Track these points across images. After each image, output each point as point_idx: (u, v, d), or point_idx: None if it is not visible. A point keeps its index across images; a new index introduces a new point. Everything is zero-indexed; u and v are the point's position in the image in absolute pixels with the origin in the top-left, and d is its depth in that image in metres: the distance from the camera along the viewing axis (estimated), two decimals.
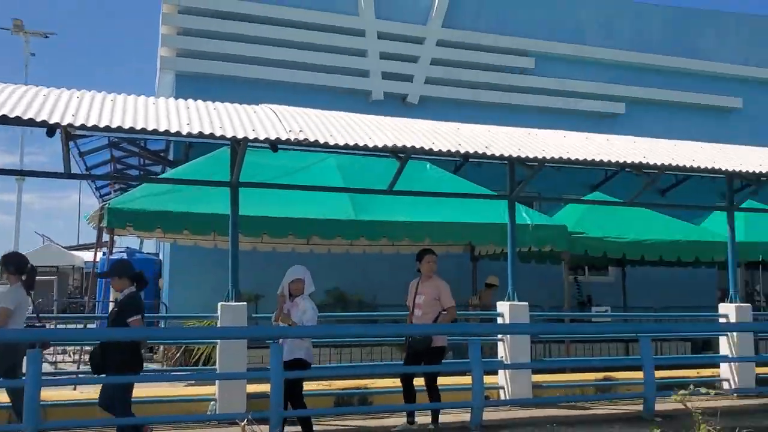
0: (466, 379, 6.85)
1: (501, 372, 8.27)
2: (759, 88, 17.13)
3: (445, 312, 6.94)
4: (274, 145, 6.63)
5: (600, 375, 8.95)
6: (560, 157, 7.49)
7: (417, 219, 9.86)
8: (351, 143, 6.60)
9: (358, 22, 14.90)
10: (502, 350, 8.32)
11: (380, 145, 6.74)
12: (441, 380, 7.72)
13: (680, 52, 16.63)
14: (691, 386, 5.80)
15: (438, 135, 7.50)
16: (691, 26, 17.03)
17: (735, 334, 8.98)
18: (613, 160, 7.61)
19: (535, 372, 8.68)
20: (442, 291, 7.00)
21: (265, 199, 9.05)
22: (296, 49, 14.44)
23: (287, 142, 6.47)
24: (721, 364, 9.25)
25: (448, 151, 7.09)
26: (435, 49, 15.21)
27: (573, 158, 7.56)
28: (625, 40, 16.39)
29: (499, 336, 8.41)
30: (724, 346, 9.19)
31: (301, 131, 6.56)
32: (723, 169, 8.02)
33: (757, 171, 8.32)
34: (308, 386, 8.20)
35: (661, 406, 7.21)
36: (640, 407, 7.32)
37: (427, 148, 6.98)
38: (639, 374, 7.49)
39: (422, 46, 15.16)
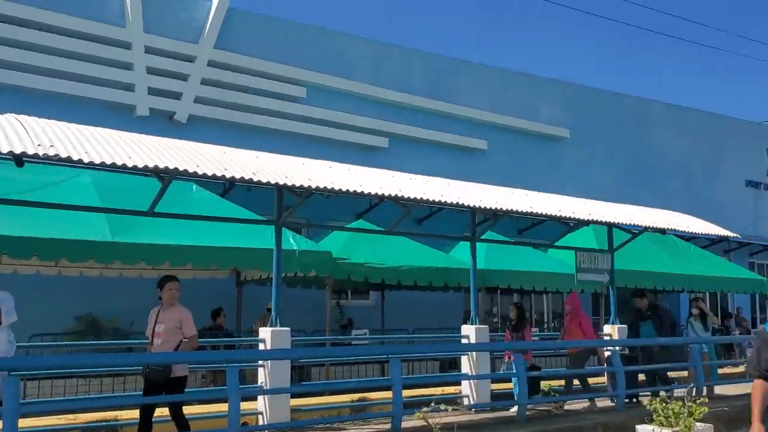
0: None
1: (260, 397, 8.28)
2: (501, 132, 19.16)
3: (187, 340, 6.83)
4: (19, 159, 6.08)
5: (356, 396, 9.34)
6: (325, 187, 7.77)
7: (179, 242, 9.56)
8: (108, 162, 6.26)
9: (124, 34, 14.21)
10: (262, 376, 8.36)
11: (140, 165, 6.48)
12: (201, 408, 7.55)
13: (438, 96, 18.11)
14: (432, 403, 6.32)
15: (204, 157, 7.40)
16: (447, 73, 18.65)
17: (474, 353, 9.91)
18: (373, 192, 8.07)
19: (295, 396, 8.82)
20: (184, 319, 6.86)
21: (7, 217, 8.20)
22: (53, 55, 13.38)
23: (35, 156, 5.96)
24: (462, 381, 10.14)
25: (214, 175, 7.02)
26: (206, 69, 14.99)
27: (338, 188, 7.87)
28: (391, 80, 17.47)
29: (260, 362, 8.44)
30: (466, 364, 10.11)
31: (51, 146, 6.08)
32: (466, 204, 8.87)
33: (494, 207, 9.33)
34: (49, 421, 7.56)
35: (409, 423, 7.70)
36: (389, 425, 7.77)
37: (191, 170, 6.84)
38: (391, 394, 7.94)
39: (193, 65, 14.87)
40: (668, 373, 10.97)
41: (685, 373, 12.10)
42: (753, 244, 22.96)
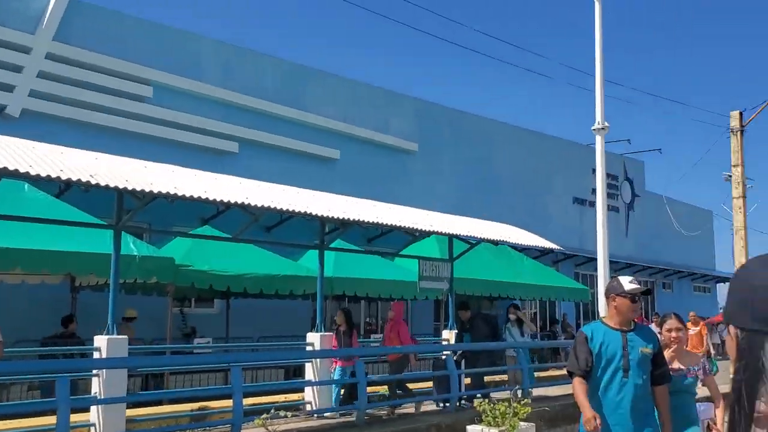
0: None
1: (94, 408, 7.94)
2: (353, 143, 19.56)
3: None
4: None
5: (196, 405, 9.19)
6: (168, 192, 7.63)
7: (6, 245, 8.95)
8: None
9: None
10: (96, 386, 8.01)
11: None
12: (29, 421, 7.13)
13: (290, 103, 18.14)
14: (272, 410, 6.39)
15: (38, 157, 7.03)
16: (300, 80, 18.73)
17: (318, 360, 10.06)
18: (218, 199, 8.04)
19: (131, 406, 8.53)
20: None
21: None
22: None
23: None
24: (305, 387, 10.25)
25: (48, 176, 6.69)
26: (44, 61, 14.09)
27: (180, 194, 7.76)
28: (242, 84, 17.28)
29: (95, 371, 8.09)
30: (310, 371, 10.23)
31: None
32: (314, 213, 9.04)
33: (342, 217, 9.58)
34: None
35: (249, 431, 7.71)
36: None
37: (23, 170, 6.49)
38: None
39: (28, 56, 13.91)
40: (486, 377, 11.63)
41: (504, 377, 12.96)
42: (578, 256, 25.03)
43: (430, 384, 11.18)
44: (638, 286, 4.42)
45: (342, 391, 10.04)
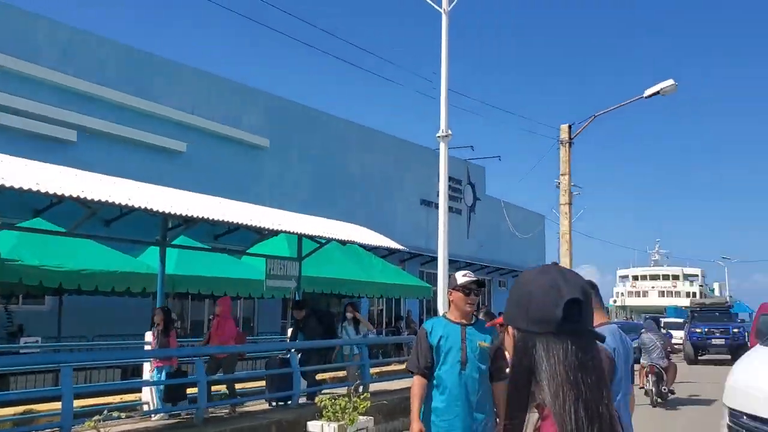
0: None
1: None
2: (201, 136, 19.02)
3: None
4: None
5: (21, 408, 8.63)
6: None
7: None
8: None
9: None
10: None
11: None
12: None
13: (134, 92, 17.29)
14: (105, 411, 6.18)
15: None
16: (145, 68, 17.89)
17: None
18: (51, 191, 7.61)
19: None
20: None
21: None
22: None
23: None
24: (143, 388, 9.94)
25: None
26: None
27: (9, 185, 7.27)
28: (82, 69, 16.26)
29: None
30: (147, 371, 9.93)
31: None
32: (155, 209, 8.78)
33: (186, 213, 9.37)
34: None
35: None
36: None
37: None
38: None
39: None
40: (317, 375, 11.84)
41: (342, 373, 13.25)
42: (423, 255, 26.03)
43: (258, 383, 11.08)
44: (470, 279, 4.45)
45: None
